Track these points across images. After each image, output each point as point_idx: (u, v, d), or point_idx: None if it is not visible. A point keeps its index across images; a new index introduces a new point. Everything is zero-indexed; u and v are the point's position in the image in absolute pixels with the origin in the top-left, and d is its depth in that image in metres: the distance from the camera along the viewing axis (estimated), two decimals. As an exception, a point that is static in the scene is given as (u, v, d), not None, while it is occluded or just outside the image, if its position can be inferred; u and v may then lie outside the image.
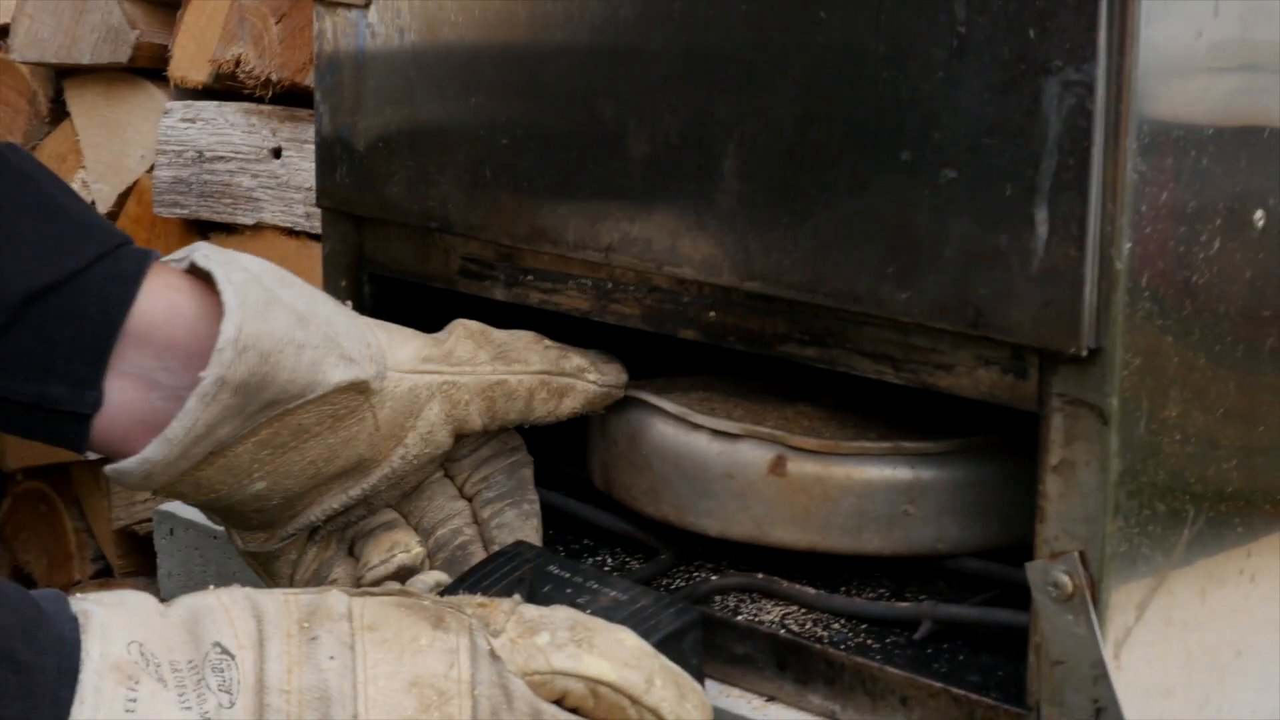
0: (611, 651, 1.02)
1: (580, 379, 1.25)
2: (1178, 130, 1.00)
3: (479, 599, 1.03)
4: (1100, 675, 1.02)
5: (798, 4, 1.08)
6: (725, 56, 1.12)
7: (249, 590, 1.00)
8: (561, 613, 1.03)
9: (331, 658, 0.96)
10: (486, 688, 0.97)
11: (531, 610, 1.02)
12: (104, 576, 2.32)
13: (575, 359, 1.26)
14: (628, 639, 1.03)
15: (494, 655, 0.98)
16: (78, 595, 0.97)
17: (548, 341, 1.26)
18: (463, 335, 1.24)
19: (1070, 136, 0.98)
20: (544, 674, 0.99)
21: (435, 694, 0.96)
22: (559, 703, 0.99)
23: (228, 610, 0.97)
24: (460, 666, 0.97)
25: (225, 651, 0.96)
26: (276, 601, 0.99)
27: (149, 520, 2.20)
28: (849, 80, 1.07)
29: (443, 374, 1.21)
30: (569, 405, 1.25)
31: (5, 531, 2.47)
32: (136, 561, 2.28)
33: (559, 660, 1.00)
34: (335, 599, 1.00)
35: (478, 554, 1.23)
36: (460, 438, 1.24)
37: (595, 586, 1.18)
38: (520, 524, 1.26)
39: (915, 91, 1.04)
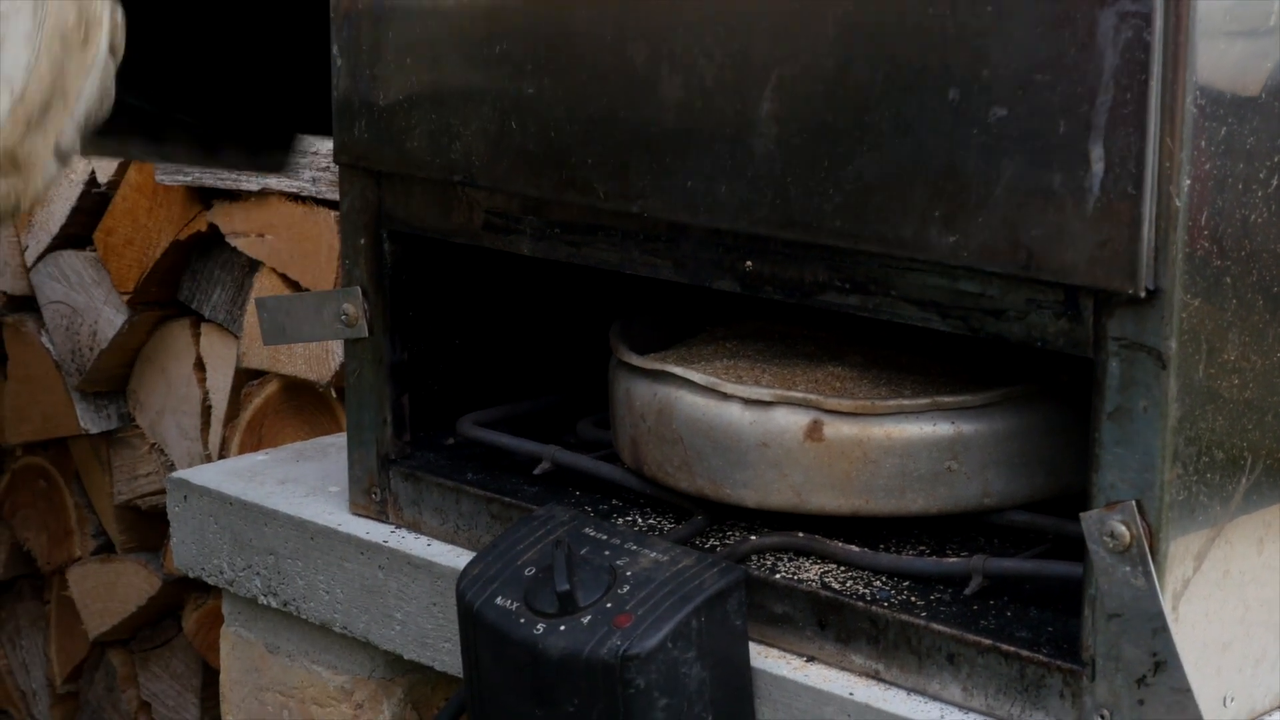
0: None
1: None
2: (1238, 63, 0.97)
3: None
4: (1159, 628, 1.00)
5: (839, -60, 1.05)
6: (763, -4, 1.09)
7: None
8: None
9: None
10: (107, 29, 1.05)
11: None
12: (105, 552, 2.31)
13: None
14: None
15: None
16: None
17: None
18: None
19: (1127, 70, 0.96)
20: None
21: (88, 13, 1.05)
22: None
23: None
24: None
25: None
26: None
27: (151, 494, 2.18)
28: (892, 16, 1.04)
29: None
30: None
31: (4, 509, 2.45)
32: (138, 537, 2.27)
33: None
34: None
35: None
36: None
37: (634, 548, 1.16)
38: None
39: (963, 27, 1.01)
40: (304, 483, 1.48)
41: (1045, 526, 1.17)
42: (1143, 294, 0.97)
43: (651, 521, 1.28)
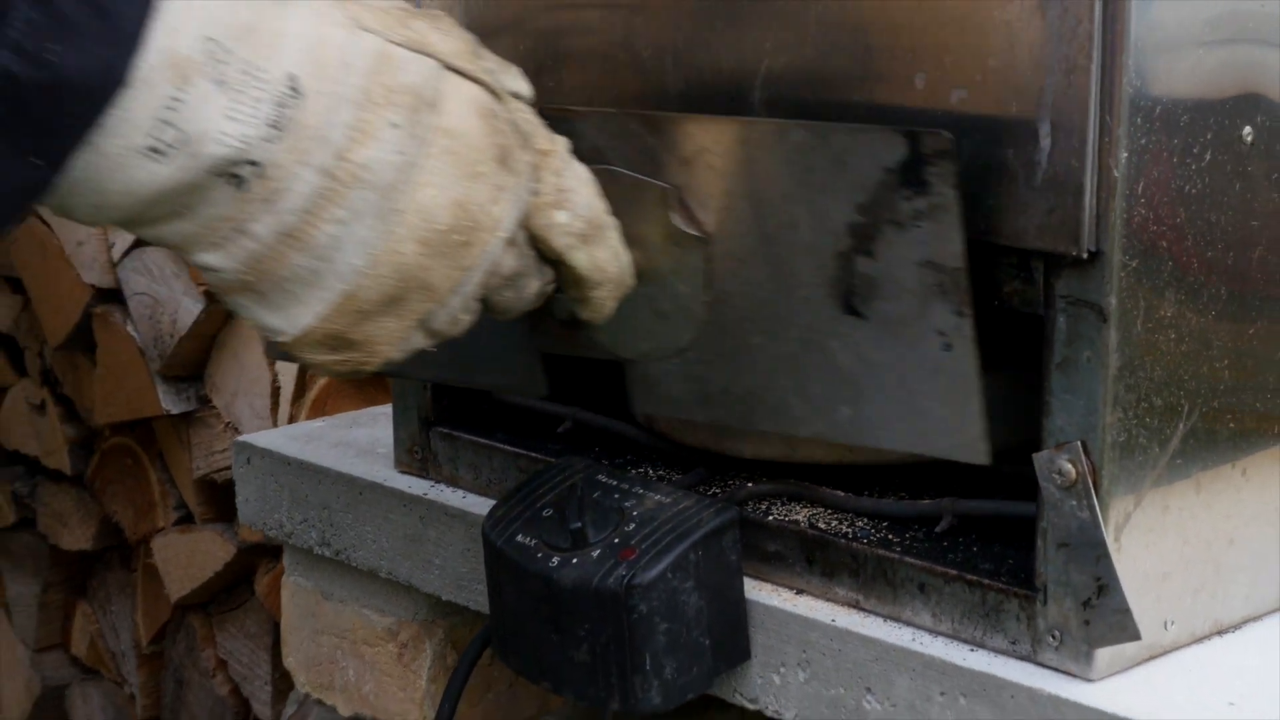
0: (600, 261, 1.07)
1: None
2: (1171, 46, 1.02)
3: (543, 143, 1.05)
4: (1102, 555, 1.04)
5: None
6: (754, -4, 1.15)
7: (355, 21, 0.95)
8: (586, 199, 1.06)
9: (401, 153, 0.95)
10: (506, 234, 1.01)
11: (573, 178, 1.06)
12: (185, 523, 2.36)
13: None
14: (614, 257, 1.09)
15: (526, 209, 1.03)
16: None
17: None
18: None
19: (1070, 56, 1.01)
20: (540, 237, 1.05)
21: (470, 221, 0.98)
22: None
23: (321, 48, 0.93)
24: (502, 206, 1.00)
25: (296, 89, 0.92)
26: (372, 49, 0.95)
27: (226, 469, 2.24)
28: (867, 12, 1.09)
29: None
30: None
31: (95, 484, 2.51)
32: (215, 509, 2.32)
33: (556, 239, 1.05)
34: (424, 69, 0.97)
35: None
36: None
37: (640, 491, 1.21)
38: None
39: (928, 19, 1.06)
40: (355, 445, 1.54)
41: (1010, 472, 1.21)
42: (1085, 255, 1.02)
43: (661, 473, 1.34)
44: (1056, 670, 1.07)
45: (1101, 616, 1.05)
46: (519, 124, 1.03)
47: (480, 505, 1.38)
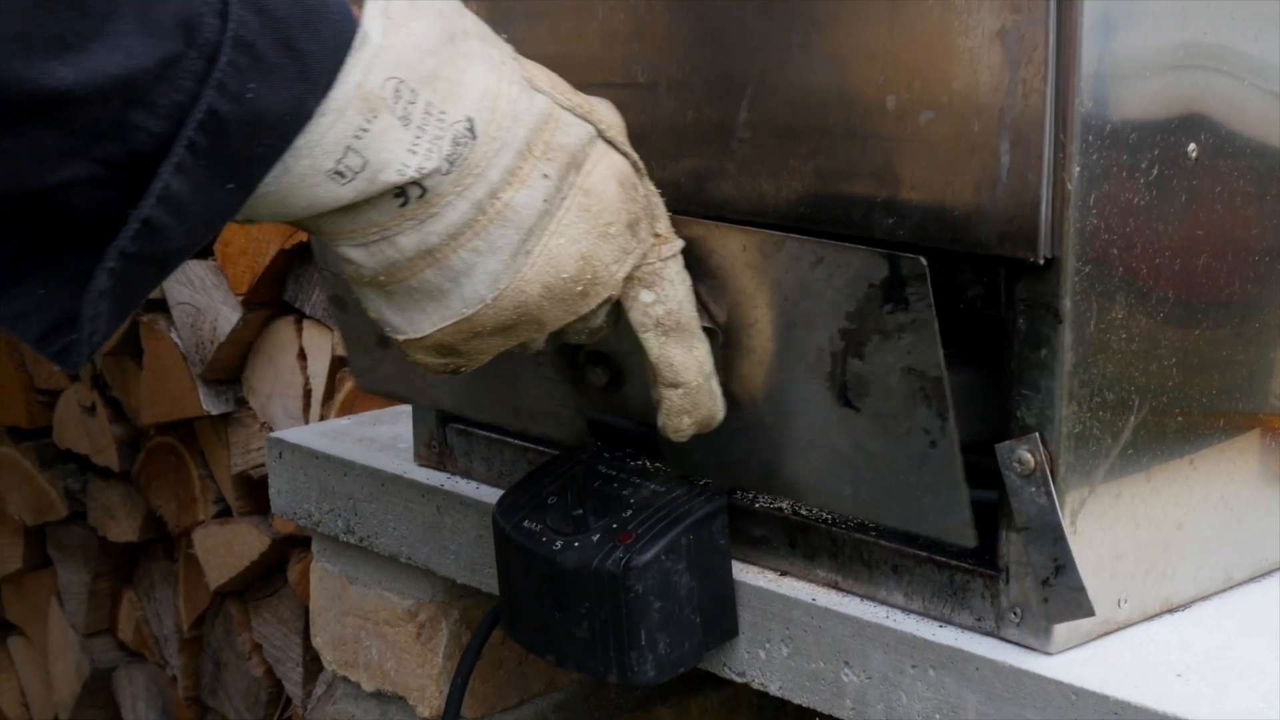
0: (674, 360, 1.11)
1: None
2: (1121, 70, 1.06)
3: (663, 229, 1.09)
4: (1059, 538, 1.08)
5: (800, -24, 1.15)
6: (740, 25, 1.19)
7: (528, 82, 1.01)
8: (677, 295, 1.10)
9: (545, 200, 0.99)
10: (618, 293, 1.07)
11: (673, 271, 1.10)
12: (224, 516, 2.40)
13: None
14: (696, 368, 1.12)
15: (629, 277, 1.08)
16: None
17: None
18: None
19: (1026, 78, 1.05)
20: (623, 306, 1.09)
21: (591, 275, 1.03)
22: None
23: (496, 99, 0.98)
24: (623, 268, 1.05)
25: (472, 130, 0.97)
26: (541, 109, 1.00)
27: (262, 465, 2.28)
28: (843, 41, 1.13)
29: None
30: None
31: (140, 480, 2.54)
32: (251, 502, 2.36)
33: (633, 312, 1.09)
34: (582, 134, 1.02)
35: None
36: None
37: (637, 481, 1.25)
38: None
39: (899, 48, 1.10)
40: (378, 440, 1.58)
41: (979, 463, 1.25)
42: (1042, 262, 1.06)
43: (657, 464, 1.37)
44: (1018, 644, 1.11)
45: (1059, 595, 1.09)
46: (652, 205, 1.07)
47: (493, 495, 1.42)
